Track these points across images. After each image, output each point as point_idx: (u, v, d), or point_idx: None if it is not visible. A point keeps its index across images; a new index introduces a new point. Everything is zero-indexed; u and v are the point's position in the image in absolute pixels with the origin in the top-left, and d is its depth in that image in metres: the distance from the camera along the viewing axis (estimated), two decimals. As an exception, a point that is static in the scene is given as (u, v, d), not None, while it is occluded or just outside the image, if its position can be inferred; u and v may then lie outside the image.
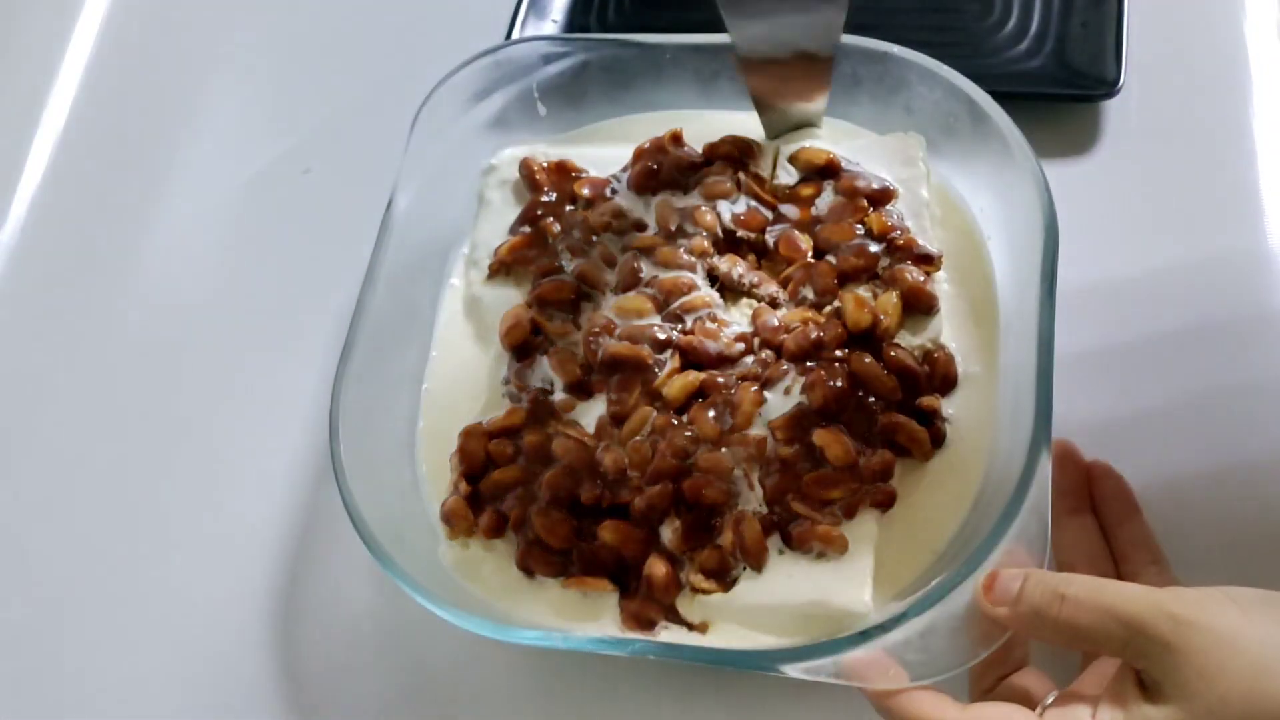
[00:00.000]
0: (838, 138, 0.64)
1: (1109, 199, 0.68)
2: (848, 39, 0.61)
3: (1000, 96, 0.59)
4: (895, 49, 0.61)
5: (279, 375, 0.70)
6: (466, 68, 0.65)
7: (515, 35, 0.77)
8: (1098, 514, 0.55)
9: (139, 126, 0.83)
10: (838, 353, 0.56)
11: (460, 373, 0.63)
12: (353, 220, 0.68)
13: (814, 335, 0.57)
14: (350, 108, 0.81)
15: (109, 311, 0.75)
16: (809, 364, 0.56)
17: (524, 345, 0.60)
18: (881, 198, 0.60)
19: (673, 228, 0.62)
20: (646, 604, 0.53)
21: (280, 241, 0.67)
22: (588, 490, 0.55)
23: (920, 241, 0.59)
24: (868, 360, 0.56)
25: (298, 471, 0.66)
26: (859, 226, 0.60)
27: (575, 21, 0.79)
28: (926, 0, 0.76)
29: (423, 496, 0.60)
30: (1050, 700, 0.46)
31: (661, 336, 0.58)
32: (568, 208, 0.64)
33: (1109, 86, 0.68)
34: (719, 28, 0.58)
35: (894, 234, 0.59)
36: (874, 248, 0.59)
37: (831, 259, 0.59)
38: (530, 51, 0.66)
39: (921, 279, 0.58)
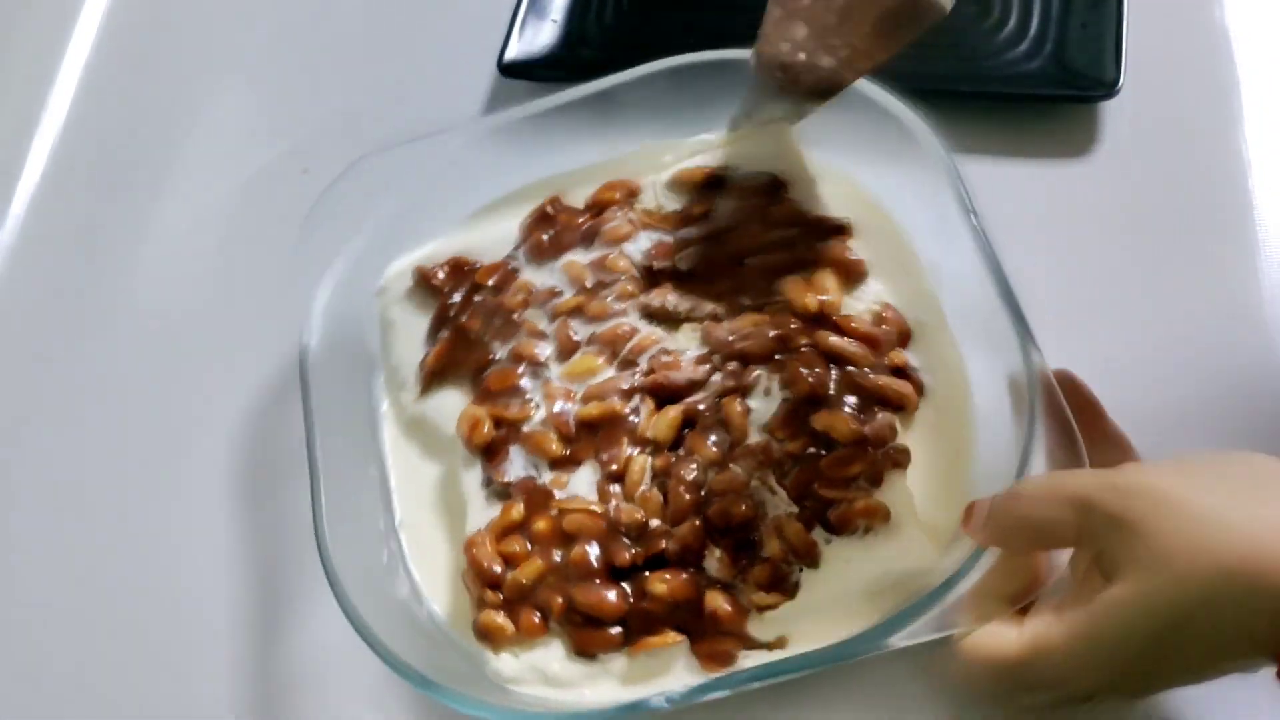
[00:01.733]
0: (704, 151, 0.65)
1: (1108, 200, 0.67)
2: (696, 57, 0.63)
3: (999, 98, 0.60)
4: (731, 54, 0.63)
5: (278, 372, 0.67)
6: (325, 203, 0.63)
7: (515, 35, 0.76)
8: None
9: (138, 125, 0.83)
10: (800, 341, 0.57)
11: (429, 494, 0.61)
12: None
13: (771, 333, 0.57)
14: (349, 107, 0.80)
15: (107, 310, 0.75)
16: (777, 358, 0.57)
17: (491, 443, 0.58)
18: (772, 189, 0.62)
19: (589, 284, 0.61)
20: (718, 640, 0.52)
21: (279, 241, 0.63)
22: (619, 554, 0.53)
23: (828, 216, 0.61)
24: (832, 338, 0.57)
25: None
26: (763, 223, 0.61)
27: (574, 22, 0.79)
28: None
29: (443, 627, 0.56)
30: None
31: (625, 386, 0.58)
32: (476, 299, 0.63)
33: (1108, 88, 0.67)
34: (720, 27, 0.58)
35: (799, 217, 0.61)
36: (787, 237, 0.60)
37: (752, 261, 0.61)
38: (385, 167, 0.65)
39: (844, 249, 0.59)
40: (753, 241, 0.61)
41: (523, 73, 0.76)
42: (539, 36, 0.77)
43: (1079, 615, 0.42)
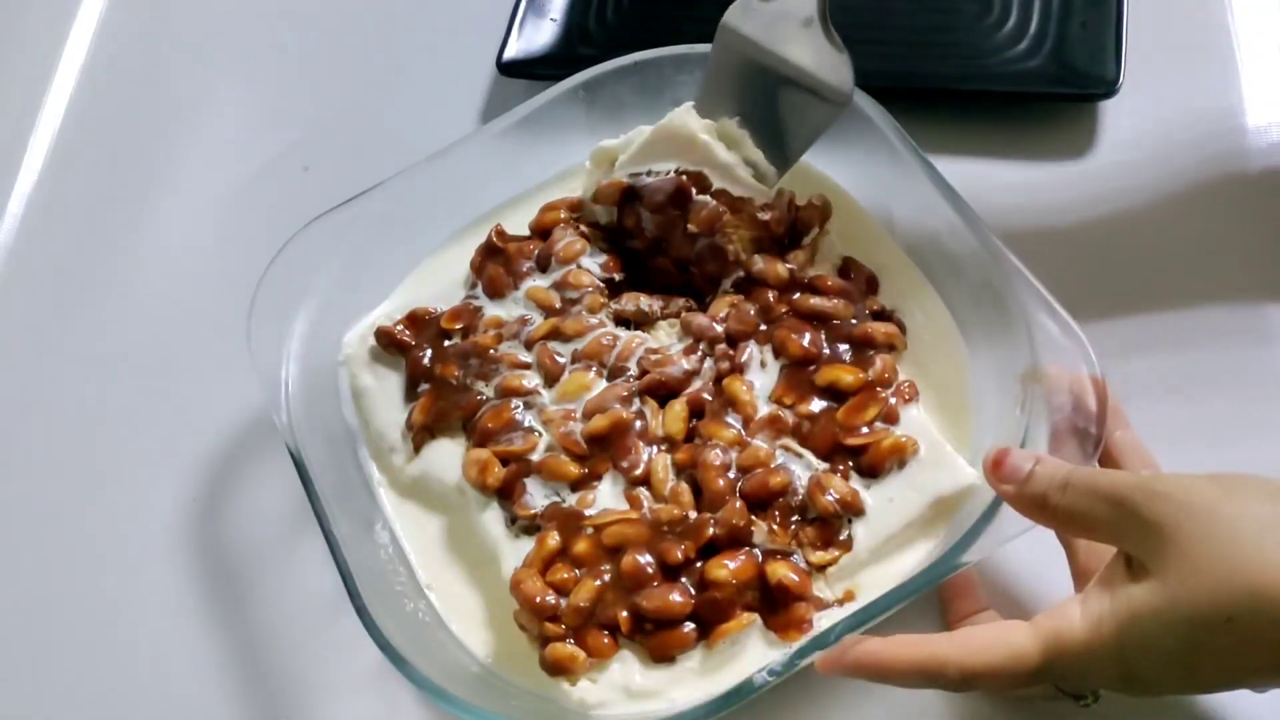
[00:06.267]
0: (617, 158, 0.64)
1: (1108, 199, 0.67)
2: (603, 68, 0.64)
3: (999, 97, 0.61)
4: (643, 56, 0.65)
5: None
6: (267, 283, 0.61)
7: (514, 33, 0.77)
8: None
9: (138, 124, 0.83)
10: (781, 310, 0.58)
11: (441, 550, 0.59)
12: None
13: (751, 309, 0.59)
14: (349, 105, 0.81)
15: (106, 308, 0.75)
16: (762, 329, 0.58)
17: (504, 481, 0.57)
18: (680, 197, 0.60)
19: (558, 304, 0.61)
20: (790, 608, 0.52)
21: (279, 239, 0.61)
22: (670, 552, 0.52)
23: (755, 197, 0.62)
24: (812, 300, 0.58)
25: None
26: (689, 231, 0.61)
27: (574, 20, 0.78)
28: (925, 0, 0.75)
29: (503, 676, 0.55)
30: None
31: (624, 393, 0.58)
32: (446, 346, 0.61)
33: (1108, 86, 0.67)
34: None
35: (721, 217, 0.60)
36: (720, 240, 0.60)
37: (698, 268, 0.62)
38: (328, 229, 0.63)
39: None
40: (688, 249, 0.61)
41: (522, 71, 0.76)
42: (538, 35, 0.77)
43: (1103, 612, 0.42)
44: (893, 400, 0.55)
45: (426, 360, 0.61)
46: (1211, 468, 0.43)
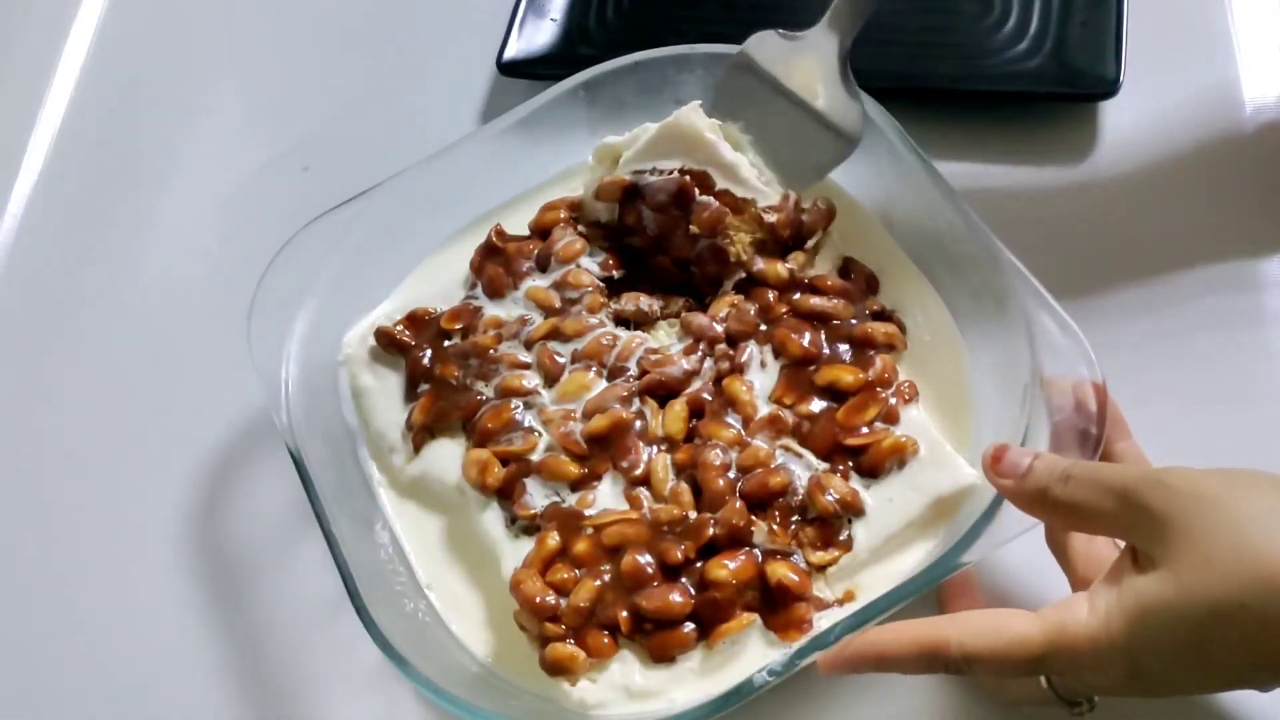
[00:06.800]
0: (621, 155, 0.64)
1: (1108, 199, 0.67)
2: (603, 68, 0.64)
3: (999, 97, 0.61)
4: (643, 56, 0.65)
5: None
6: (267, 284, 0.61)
7: (514, 33, 0.77)
8: None
9: (138, 123, 0.83)
10: (781, 310, 0.58)
11: (441, 550, 0.59)
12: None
13: (751, 309, 0.59)
14: (349, 105, 0.81)
15: (106, 308, 0.75)
16: (762, 329, 0.58)
17: (504, 481, 0.57)
18: (683, 198, 0.60)
19: (557, 304, 0.61)
20: (790, 608, 0.52)
21: (279, 239, 0.61)
22: (670, 552, 0.52)
23: (758, 200, 0.62)
24: (812, 300, 0.58)
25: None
26: (690, 230, 0.60)
27: (574, 20, 0.78)
28: (925, 0, 0.75)
29: (503, 676, 0.55)
30: None
31: (624, 393, 0.58)
32: (446, 346, 0.61)
33: (1108, 86, 0.67)
34: (720, 25, 0.61)
35: (724, 219, 0.60)
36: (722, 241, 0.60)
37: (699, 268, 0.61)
38: (328, 229, 0.63)
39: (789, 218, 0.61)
40: (689, 249, 0.61)
41: (522, 71, 0.76)
42: (538, 35, 0.77)
43: (1111, 608, 0.42)
44: (893, 400, 0.55)
45: (426, 360, 0.61)
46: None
